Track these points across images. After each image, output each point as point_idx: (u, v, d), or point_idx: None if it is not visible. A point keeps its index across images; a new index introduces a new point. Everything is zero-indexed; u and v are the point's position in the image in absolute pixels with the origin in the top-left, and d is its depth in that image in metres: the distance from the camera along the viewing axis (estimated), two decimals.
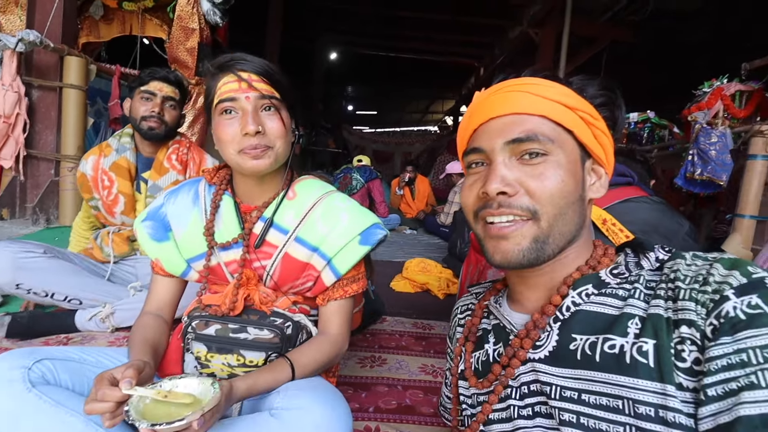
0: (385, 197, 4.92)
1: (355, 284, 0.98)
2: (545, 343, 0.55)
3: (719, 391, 0.40)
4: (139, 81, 1.63)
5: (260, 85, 0.85)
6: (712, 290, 0.44)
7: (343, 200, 0.98)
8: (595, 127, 0.57)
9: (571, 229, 0.56)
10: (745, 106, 2.84)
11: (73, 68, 2.91)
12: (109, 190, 1.65)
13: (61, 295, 1.50)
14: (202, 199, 0.98)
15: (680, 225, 1.27)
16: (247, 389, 0.77)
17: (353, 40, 9.14)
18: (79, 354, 0.86)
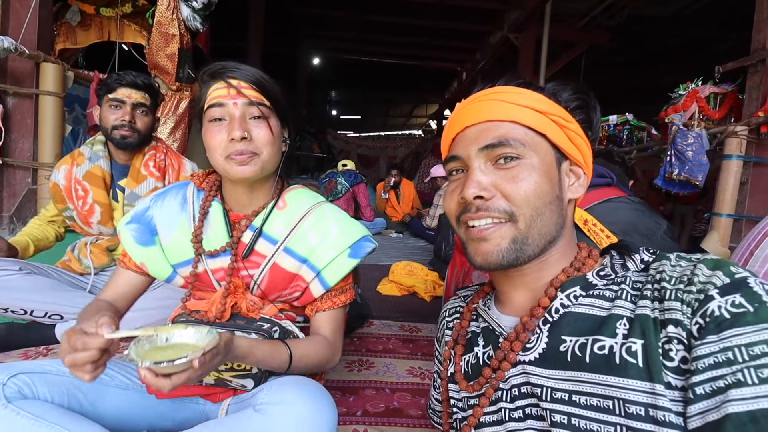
0: (370, 201, 4.92)
1: (343, 295, 0.97)
2: (535, 345, 0.56)
3: (707, 389, 0.40)
4: (106, 88, 1.54)
5: (249, 92, 0.85)
6: (696, 290, 0.45)
7: (333, 211, 0.98)
8: (568, 129, 0.58)
9: (550, 229, 0.57)
10: (720, 108, 2.93)
11: (49, 75, 2.85)
12: (84, 200, 1.59)
13: (41, 312, 1.45)
14: (190, 204, 0.96)
15: (658, 224, 1.29)
16: (248, 347, 0.75)
17: (336, 46, 9.16)
18: (57, 366, 0.84)
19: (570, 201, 0.61)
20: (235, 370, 0.86)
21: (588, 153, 0.61)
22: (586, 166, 0.61)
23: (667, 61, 7.70)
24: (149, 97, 1.59)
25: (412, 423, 1.15)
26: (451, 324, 0.76)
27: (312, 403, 0.75)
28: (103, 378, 0.89)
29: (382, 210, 5.29)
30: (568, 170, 0.60)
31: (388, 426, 1.13)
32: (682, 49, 7.13)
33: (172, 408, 0.95)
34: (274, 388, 0.79)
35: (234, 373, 0.86)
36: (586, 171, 0.61)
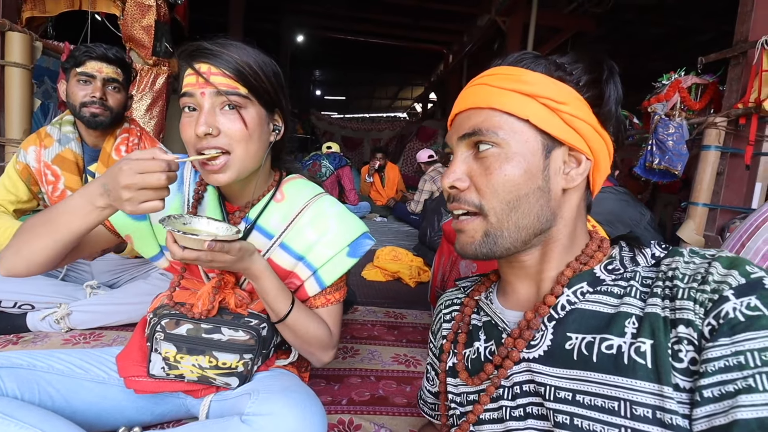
0: (354, 184, 4.87)
1: (337, 293, 0.96)
2: (540, 342, 0.54)
3: (716, 392, 0.40)
4: (74, 61, 1.40)
5: (219, 80, 0.75)
6: (710, 290, 0.43)
7: (332, 205, 0.94)
8: (562, 113, 0.53)
9: (531, 221, 0.54)
10: (701, 99, 2.97)
11: (15, 45, 2.68)
12: (54, 185, 1.47)
13: (10, 302, 1.39)
14: (186, 185, 0.91)
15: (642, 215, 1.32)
16: (263, 269, 0.80)
17: (321, 23, 8.90)
18: (27, 360, 0.80)
19: (567, 191, 0.56)
20: (220, 368, 0.84)
21: (594, 136, 0.55)
22: (593, 151, 0.56)
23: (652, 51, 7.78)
24: (122, 72, 1.46)
25: (398, 411, 1.15)
26: (448, 316, 0.74)
27: (301, 413, 0.74)
28: (76, 372, 0.85)
29: (366, 194, 5.25)
30: (566, 157, 0.56)
31: (374, 414, 1.14)
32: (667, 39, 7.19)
33: (152, 402, 0.93)
34: (262, 397, 0.77)
35: (218, 371, 0.84)
36: (592, 156, 0.56)
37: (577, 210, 0.58)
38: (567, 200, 0.57)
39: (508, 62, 0.57)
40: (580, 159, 0.56)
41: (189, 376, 0.85)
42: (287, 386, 0.82)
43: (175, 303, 0.87)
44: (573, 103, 0.54)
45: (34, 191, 1.50)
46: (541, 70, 0.55)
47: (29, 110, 2.84)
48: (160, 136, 3.25)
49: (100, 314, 1.44)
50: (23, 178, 1.48)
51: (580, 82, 0.55)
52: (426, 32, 8.84)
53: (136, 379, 0.87)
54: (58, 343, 1.39)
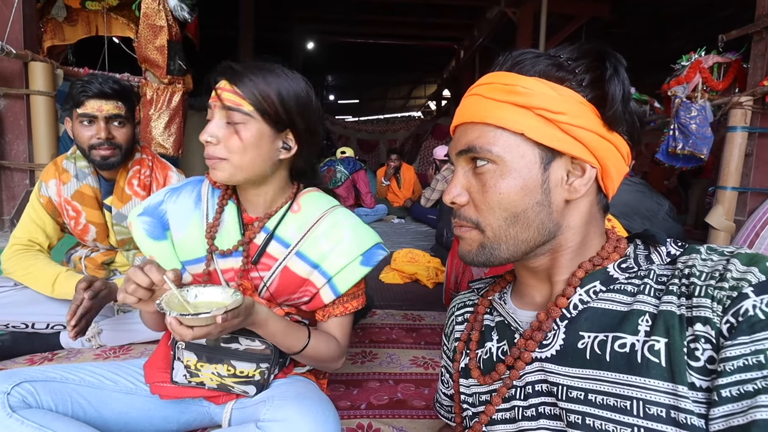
0: (371, 187, 4.88)
1: (355, 301, 0.98)
2: (552, 341, 0.54)
3: (734, 392, 0.39)
4: (73, 101, 1.34)
5: (227, 95, 0.83)
6: (729, 287, 0.42)
7: (347, 217, 0.97)
8: (561, 123, 0.50)
9: (531, 234, 0.54)
10: (724, 78, 2.85)
11: (38, 74, 2.81)
12: (76, 220, 1.48)
13: (43, 324, 1.44)
14: (204, 202, 0.96)
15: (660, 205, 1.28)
16: (266, 315, 0.80)
17: (330, 29, 8.98)
18: (60, 373, 0.85)
19: (570, 202, 0.54)
20: (238, 377, 0.86)
21: (601, 142, 0.51)
22: (600, 158, 0.52)
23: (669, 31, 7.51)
24: (123, 105, 1.40)
25: (417, 414, 1.15)
26: (460, 318, 0.73)
27: (314, 420, 0.76)
28: (106, 383, 0.90)
29: (383, 196, 5.26)
30: (569, 166, 0.53)
31: (393, 418, 1.14)
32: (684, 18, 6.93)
33: (177, 410, 0.96)
34: (276, 404, 0.79)
35: (236, 380, 0.87)
36: (598, 164, 0.52)
37: (588, 216, 0.56)
38: (573, 209, 0.55)
39: (506, 66, 0.54)
40: (584, 167, 0.53)
41: (209, 383, 0.88)
42: (301, 393, 0.84)
43: None
44: (573, 110, 0.51)
45: (59, 222, 1.52)
46: (538, 74, 0.52)
47: (55, 135, 2.96)
48: (179, 152, 3.34)
49: (128, 332, 1.49)
50: (48, 211, 1.48)
51: (582, 82, 0.52)
52: (435, 29, 8.79)
53: (161, 385, 0.91)
54: (90, 357, 1.45)
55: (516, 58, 0.54)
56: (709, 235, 2.50)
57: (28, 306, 1.42)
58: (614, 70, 0.51)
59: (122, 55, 3.46)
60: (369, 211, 4.64)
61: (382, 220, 4.82)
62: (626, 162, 0.56)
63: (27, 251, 1.45)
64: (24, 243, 1.45)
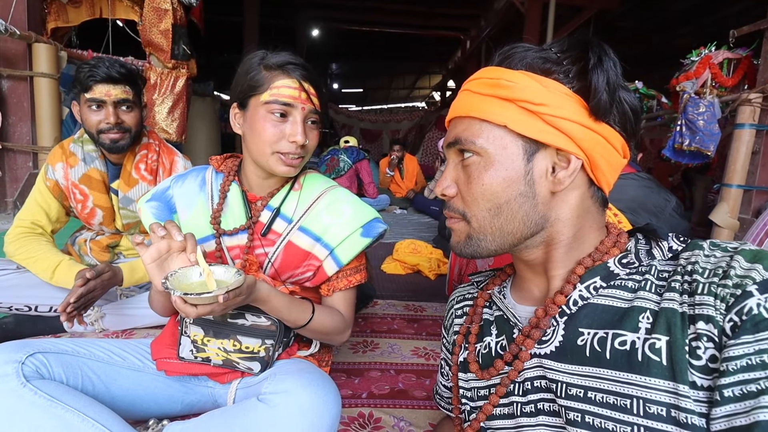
0: (373, 177, 4.87)
1: (358, 274, 1.03)
2: (551, 338, 0.53)
3: (737, 392, 0.38)
4: (81, 85, 1.34)
5: (316, 101, 0.91)
6: (733, 284, 0.41)
7: (346, 194, 1.04)
8: (544, 114, 0.50)
9: (516, 227, 0.54)
10: (733, 75, 2.82)
11: (42, 56, 2.79)
12: (83, 204, 1.48)
13: (45, 307, 1.44)
14: (209, 186, 1.02)
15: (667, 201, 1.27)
16: (268, 293, 0.82)
17: (335, 15, 8.89)
18: (71, 346, 0.86)
19: (556, 194, 0.53)
20: (243, 352, 0.88)
21: (587, 133, 0.51)
22: (586, 149, 0.51)
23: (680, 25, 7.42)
24: (131, 89, 1.40)
25: (417, 405, 1.16)
26: (460, 311, 0.73)
27: (315, 391, 0.77)
28: (115, 359, 0.92)
29: (386, 186, 5.25)
30: (555, 158, 0.53)
31: (393, 408, 1.15)
32: (695, 12, 6.84)
33: (182, 391, 0.98)
34: (278, 377, 0.81)
35: (242, 355, 0.89)
36: (584, 155, 0.52)
37: (580, 209, 0.55)
38: (562, 201, 0.54)
39: (496, 61, 0.56)
40: (569, 159, 0.52)
41: (215, 359, 0.90)
42: (302, 368, 0.86)
43: None
44: (556, 102, 0.50)
45: (66, 205, 1.52)
46: (524, 68, 0.52)
47: (59, 118, 2.95)
48: (182, 137, 3.33)
49: (131, 317, 1.50)
50: (55, 194, 1.48)
51: (569, 73, 0.52)
52: (442, 19, 8.70)
53: (167, 361, 0.93)
54: None
55: (506, 52, 0.55)
56: (713, 233, 2.49)
57: (30, 289, 1.42)
58: (598, 60, 0.49)
59: (126, 38, 3.44)
60: (371, 201, 4.64)
61: (384, 210, 4.82)
62: (621, 154, 0.54)
63: (30, 235, 1.45)
64: (27, 226, 1.45)
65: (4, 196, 3.01)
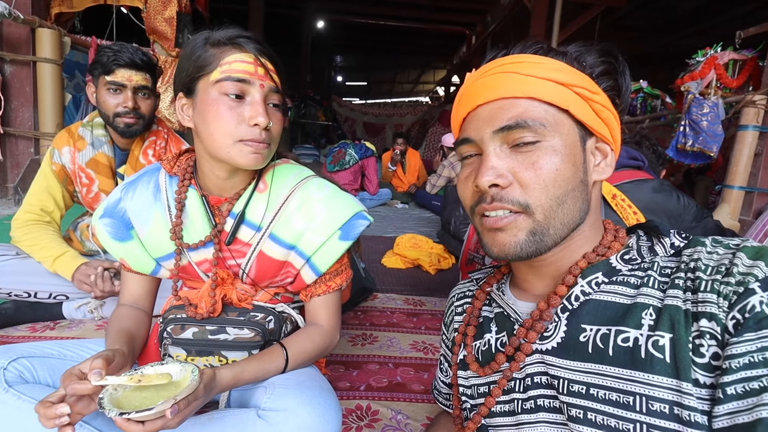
0: (378, 175, 4.88)
1: (338, 277, 0.94)
2: (553, 334, 0.53)
3: (739, 390, 0.38)
4: (102, 67, 1.35)
5: (275, 77, 0.78)
6: (735, 282, 0.41)
7: (319, 188, 0.90)
8: (594, 102, 0.52)
9: (573, 217, 0.52)
10: (738, 76, 2.81)
11: (46, 41, 2.78)
12: (89, 188, 1.49)
13: (45, 293, 1.45)
14: (163, 193, 0.88)
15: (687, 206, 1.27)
16: (233, 378, 0.74)
17: (341, 7, 8.83)
18: (58, 349, 0.84)
19: (595, 183, 0.55)
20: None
21: (616, 126, 0.55)
22: (614, 141, 0.55)
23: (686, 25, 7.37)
24: (150, 78, 1.43)
25: (415, 398, 1.17)
26: (459, 309, 0.73)
27: (315, 410, 0.75)
28: None
29: (388, 180, 5.24)
30: (593, 148, 0.54)
31: (391, 401, 1.15)
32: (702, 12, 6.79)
33: None
34: (278, 391, 0.78)
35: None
36: (614, 147, 0.55)
37: (598, 201, 0.57)
38: (595, 193, 0.56)
39: (529, 50, 0.54)
40: (606, 151, 0.55)
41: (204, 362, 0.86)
42: (302, 381, 0.82)
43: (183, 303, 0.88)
44: (601, 93, 0.53)
45: (70, 190, 1.53)
46: (562, 60, 0.53)
47: (61, 104, 2.95)
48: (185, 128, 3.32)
49: None
50: (60, 179, 1.48)
51: (593, 73, 0.53)
52: (448, 13, 8.64)
53: None
54: (92, 328, 1.47)
55: (534, 45, 0.54)
56: None
57: (30, 275, 1.43)
58: (623, 65, 0.55)
59: (130, 25, 3.41)
60: (369, 196, 4.65)
61: (385, 204, 4.81)
62: None
63: (38, 223, 1.46)
64: (36, 213, 1.46)
65: (5, 181, 3.01)
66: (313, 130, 9.61)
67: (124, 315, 0.90)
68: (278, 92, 0.79)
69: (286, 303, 0.94)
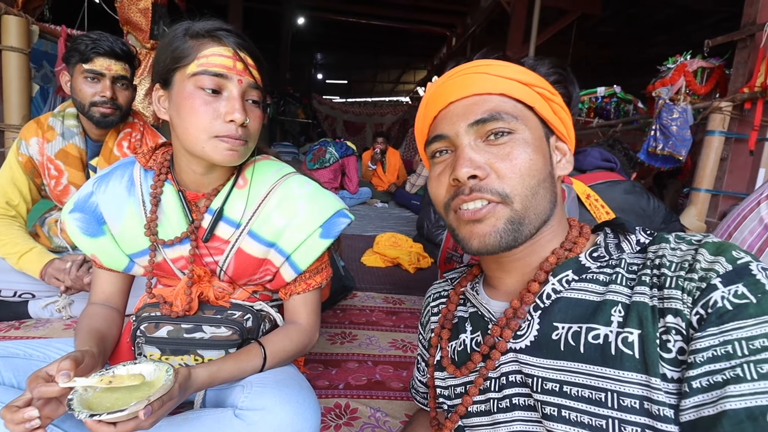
0: (358, 174, 4.87)
1: (318, 276, 0.93)
2: (526, 332, 0.54)
3: (704, 383, 0.39)
4: (80, 55, 1.31)
5: (256, 73, 0.76)
6: (698, 278, 0.43)
7: (300, 185, 0.88)
8: (553, 102, 0.57)
9: (545, 207, 0.54)
10: (706, 83, 2.92)
11: (12, 29, 2.66)
12: (57, 180, 1.43)
13: (9, 291, 1.39)
14: (138, 188, 0.85)
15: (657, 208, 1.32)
16: (209, 377, 0.73)
17: (322, 4, 8.76)
18: (23, 349, 0.81)
19: (558, 178, 0.59)
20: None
21: (571, 128, 0.60)
22: (570, 141, 0.60)
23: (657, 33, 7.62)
24: (129, 68, 1.39)
25: (394, 396, 1.17)
26: (435, 309, 0.73)
27: (293, 408, 0.74)
28: None
29: (368, 179, 5.24)
30: (554, 146, 0.59)
31: (370, 399, 1.15)
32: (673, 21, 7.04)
33: None
34: (256, 391, 0.76)
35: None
36: (570, 147, 0.60)
37: (560, 198, 0.59)
38: (558, 188, 0.59)
39: (493, 57, 0.58)
40: (564, 149, 0.60)
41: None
42: (281, 380, 0.81)
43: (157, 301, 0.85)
44: (558, 95, 0.57)
45: (37, 183, 1.46)
46: (523, 66, 0.58)
47: (28, 95, 2.82)
48: (159, 122, 3.24)
49: None
50: (27, 171, 1.42)
51: (548, 81, 0.58)
52: (429, 14, 8.69)
53: None
54: (60, 328, 1.41)
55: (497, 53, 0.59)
56: None
57: None
58: (572, 76, 0.60)
59: (103, 15, 3.30)
60: (350, 195, 4.64)
61: (365, 203, 4.81)
62: None
63: (3, 218, 1.40)
64: (1, 206, 1.40)
65: None
66: (292, 127, 9.51)
67: (94, 314, 0.87)
68: (257, 88, 0.77)
69: (265, 301, 0.93)
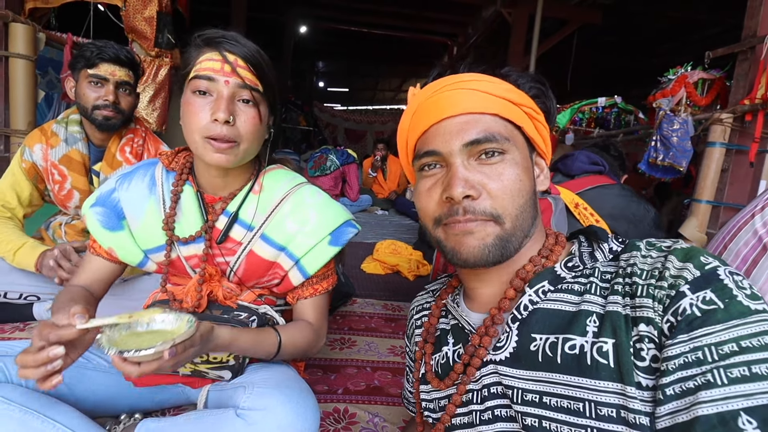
0: (359, 181, 4.88)
1: (325, 281, 0.95)
2: (505, 344, 0.54)
3: (677, 390, 0.40)
4: (85, 61, 1.36)
5: (244, 72, 0.78)
6: (668, 285, 0.43)
7: (312, 195, 0.93)
8: (537, 121, 0.58)
9: (529, 225, 0.56)
10: (707, 94, 2.94)
11: (19, 36, 2.69)
12: (61, 185, 1.46)
13: (16, 293, 1.40)
14: (159, 187, 0.90)
15: (647, 211, 1.32)
16: (230, 338, 0.74)
17: (324, 14, 8.85)
18: None
19: (537, 193, 0.60)
20: (211, 363, 0.85)
21: (549, 143, 0.61)
22: (548, 156, 0.62)
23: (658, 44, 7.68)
24: (133, 75, 1.44)
25: (392, 401, 1.17)
26: (419, 322, 0.74)
27: (294, 408, 0.75)
28: (80, 361, 0.86)
29: (368, 187, 5.25)
30: (535, 161, 0.61)
31: (369, 404, 1.15)
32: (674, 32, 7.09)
33: (153, 390, 0.94)
34: (257, 392, 0.78)
35: (210, 365, 0.85)
36: (546, 162, 0.62)
37: (539, 209, 0.61)
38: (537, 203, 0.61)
39: (478, 70, 0.59)
40: (542, 165, 0.62)
41: (182, 370, 0.86)
42: (282, 381, 0.83)
43: (173, 297, 0.88)
44: (541, 113, 0.58)
45: (41, 189, 1.49)
46: (508, 81, 0.58)
47: (33, 101, 2.85)
48: (162, 128, 3.26)
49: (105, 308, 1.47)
50: (30, 177, 1.45)
51: (529, 95, 0.59)
52: (430, 23, 8.76)
53: None
54: None
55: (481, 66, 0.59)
56: None
57: (0, 275, 1.38)
58: (550, 91, 0.61)
59: (108, 23, 3.34)
60: (350, 202, 4.65)
61: (365, 210, 4.82)
62: None
63: None
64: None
65: None
66: (293, 134, 9.55)
67: (75, 292, 0.88)
68: (247, 88, 0.78)
69: (270, 305, 0.94)
